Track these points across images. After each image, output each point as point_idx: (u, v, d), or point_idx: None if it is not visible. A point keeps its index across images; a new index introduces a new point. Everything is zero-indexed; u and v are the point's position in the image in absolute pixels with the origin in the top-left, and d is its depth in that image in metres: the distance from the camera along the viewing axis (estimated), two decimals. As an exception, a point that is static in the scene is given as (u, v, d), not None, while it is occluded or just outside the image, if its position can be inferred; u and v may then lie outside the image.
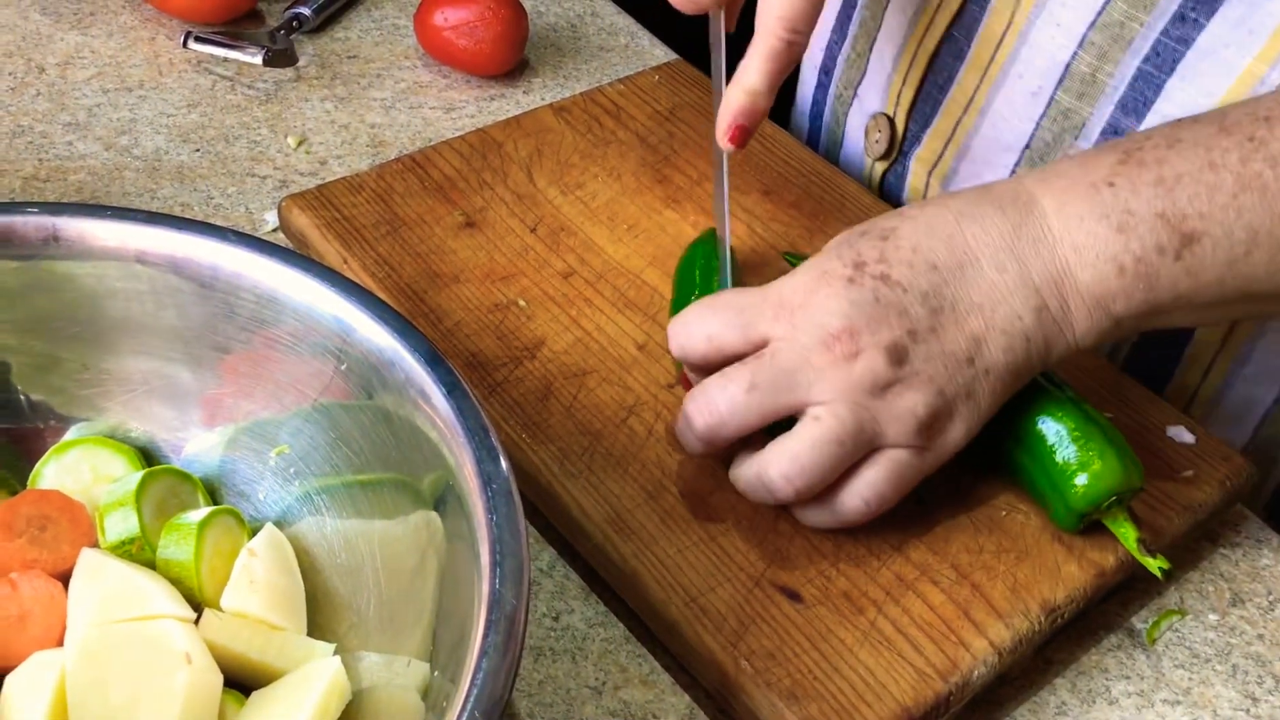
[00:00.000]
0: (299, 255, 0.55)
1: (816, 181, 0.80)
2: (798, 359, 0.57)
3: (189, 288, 0.55)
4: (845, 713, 0.54)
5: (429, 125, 0.88)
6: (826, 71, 0.90)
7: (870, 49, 0.85)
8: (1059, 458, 0.59)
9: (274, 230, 0.79)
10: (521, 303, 0.71)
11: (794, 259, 0.70)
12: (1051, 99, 0.73)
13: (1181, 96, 0.69)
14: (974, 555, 0.60)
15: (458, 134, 0.84)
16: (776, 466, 0.57)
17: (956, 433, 0.58)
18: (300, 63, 0.92)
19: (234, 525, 0.55)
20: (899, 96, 0.83)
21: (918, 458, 0.58)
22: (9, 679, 0.50)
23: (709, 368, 0.60)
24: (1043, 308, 0.57)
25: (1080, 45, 0.71)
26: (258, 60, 0.89)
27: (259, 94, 0.89)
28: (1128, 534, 0.59)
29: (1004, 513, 0.62)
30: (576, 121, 0.83)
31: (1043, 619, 0.58)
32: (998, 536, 0.61)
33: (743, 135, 0.67)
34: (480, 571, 0.46)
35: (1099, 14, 0.70)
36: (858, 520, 0.59)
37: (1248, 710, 0.59)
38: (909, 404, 0.56)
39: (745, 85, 0.66)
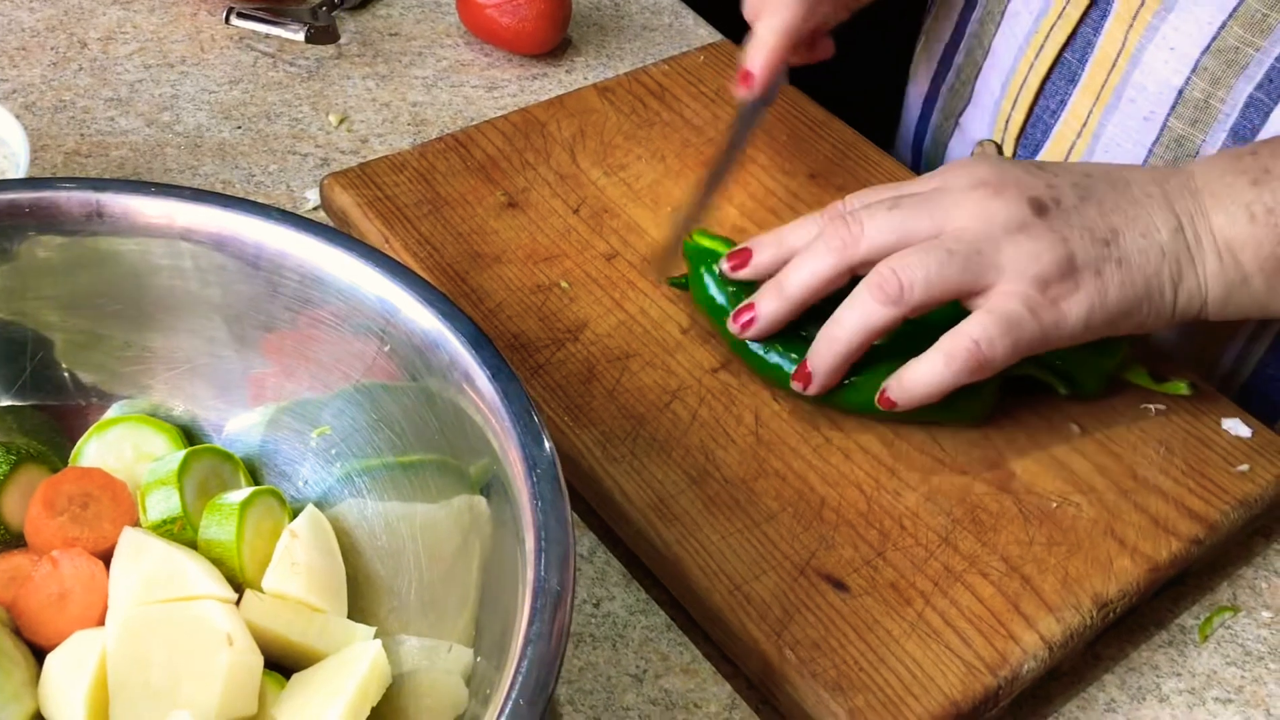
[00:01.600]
0: (343, 235, 0.54)
1: (864, 164, 0.79)
2: (942, 196, 0.61)
3: (233, 266, 0.54)
4: (892, 705, 0.53)
5: (471, 104, 0.87)
6: (930, 101, 0.89)
7: (976, 77, 0.84)
8: None
9: (315, 208, 0.78)
10: (564, 284, 0.70)
11: None
12: (1164, 125, 0.72)
13: None
14: (1024, 547, 0.59)
15: (500, 113, 0.83)
16: (887, 263, 0.59)
17: (1077, 306, 0.59)
18: (342, 40, 0.91)
19: (275, 506, 0.55)
20: (1008, 121, 0.81)
21: (1031, 315, 0.58)
22: (50, 658, 0.49)
23: None
24: (1179, 230, 0.60)
25: (1194, 70, 0.70)
26: (300, 37, 0.88)
27: (301, 71, 0.89)
28: (1141, 374, 0.66)
29: (1055, 504, 0.61)
30: (620, 102, 0.82)
31: (1094, 613, 0.57)
32: (1049, 528, 0.60)
33: (745, 77, 0.71)
34: (525, 557, 0.45)
35: (1213, 39, 0.69)
36: (962, 368, 0.59)
37: (1302, 710, 0.58)
38: (1035, 249, 0.58)
39: (751, 38, 0.71)
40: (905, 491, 0.61)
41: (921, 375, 0.60)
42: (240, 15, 0.89)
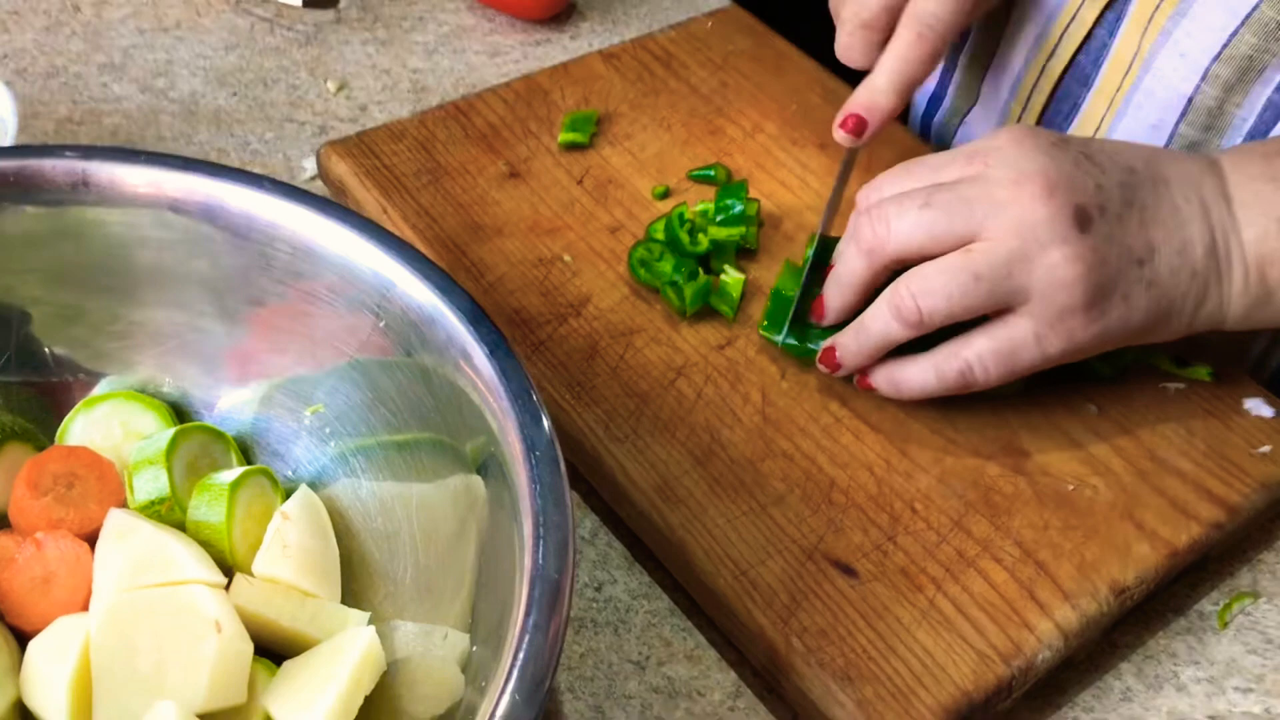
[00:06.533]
0: (337, 206, 0.52)
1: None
2: (981, 191, 0.56)
3: (222, 237, 0.53)
4: (902, 695, 0.52)
5: (473, 71, 0.85)
6: (936, 100, 0.87)
7: (983, 77, 0.81)
8: None
9: (312, 178, 0.76)
10: (567, 258, 0.68)
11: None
12: (1173, 133, 0.69)
13: None
14: (1039, 532, 0.57)
15: (503, 80, 0.81)
16: (908, 284, 0.57)
17: (1093, 334, 0.57)
18: (341, 4, 0.89)
19: (267, 486, 0.53)
20: (1019, 123, 0.78)
21: (1035, 343, 0.57)
22: (32, 644, 0.48)
23: None
24: (1213, 249, 0.57)
25: (1203, 78, 0.67)
26: (297, 1, 0.86)
27: (298, 36, 0.87)
28: (1163, 358, 0.64)
29: (1071, 487, 0.59)
30: (626, 69, 0.80)
31: (1111, 601, 0.55)
32: (1064, 513, 0.58)
33: (856, 125, 0.65)
34: (523, 542, 0.44)
35: (1224, 46, 0.66)
36: (950, 386, 0.58)
37: (1324, 700, 0.56)
38: (1068, 276, 0.55)
39: (868, 81, 0.66)
40: (917, 473, 0.59)
41: (913, 378, 0.60)
42: (237, -21, 0.87)
